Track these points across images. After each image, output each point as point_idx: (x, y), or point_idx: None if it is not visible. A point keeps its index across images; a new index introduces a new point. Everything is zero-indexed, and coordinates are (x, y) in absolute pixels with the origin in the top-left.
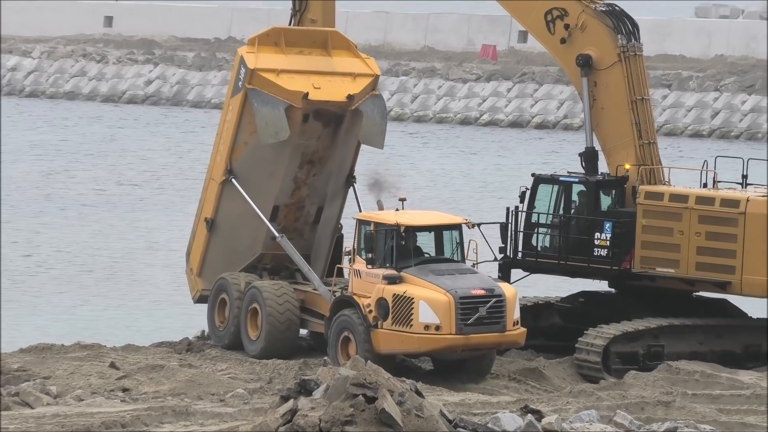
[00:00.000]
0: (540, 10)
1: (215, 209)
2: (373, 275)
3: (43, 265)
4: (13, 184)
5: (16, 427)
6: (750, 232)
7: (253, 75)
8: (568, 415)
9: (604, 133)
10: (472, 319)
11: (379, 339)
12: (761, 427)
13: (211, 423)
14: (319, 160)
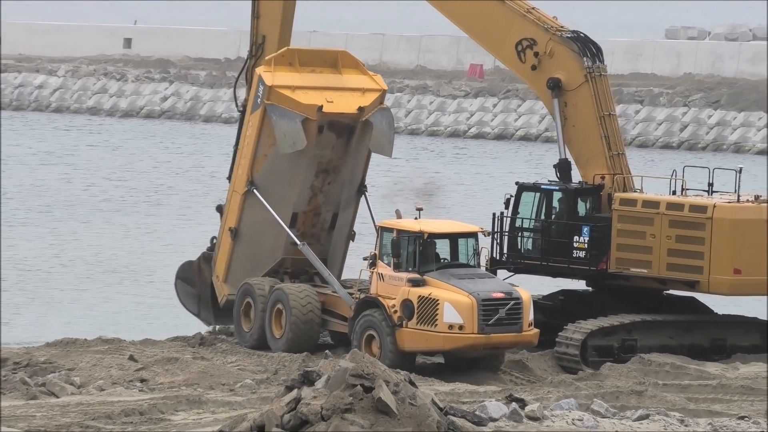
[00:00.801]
0: (511, 42)
1: (239, 219)
2: (396, 278)
3: (68, 265)
4: (43, 191)
5: (43, 414)
6: (717, 236)
7: (271, 91)
8: (549, 403)
9: (577, 148)
10: (493, 320)
11: (404, 337)
12: (726, 415)
13: (221, 411)
14: (333, 169)
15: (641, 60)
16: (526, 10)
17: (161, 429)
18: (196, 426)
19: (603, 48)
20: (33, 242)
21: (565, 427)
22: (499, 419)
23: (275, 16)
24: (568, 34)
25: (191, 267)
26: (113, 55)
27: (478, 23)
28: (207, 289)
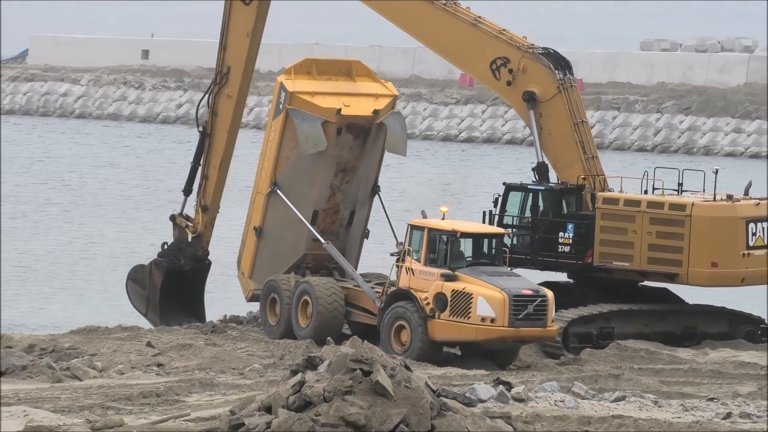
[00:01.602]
0: (485, 61)
1: (263, 218)
2: (427, 273)
3: (93, 259)
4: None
5: (68, 396)
6: (695, 232)
7: (292, 97)
8: (533, 385)
9: (554, 154)
10: (522, 314)
11: (436, 328)
12: (697, 397)
13: (232, 393)
14: (351, 169)
15: (618, 70)
16: (498, 31)
17: (176, 410)
18: (208, 407)
19: (583, 59)
20: (62, 237)
21: (548, 408)
22: (488, 401)
23: (241, 49)
24: (540, 51)
25: (143, 270)
26: (132, 66)
27: (452, 46)
28: (156, 293)
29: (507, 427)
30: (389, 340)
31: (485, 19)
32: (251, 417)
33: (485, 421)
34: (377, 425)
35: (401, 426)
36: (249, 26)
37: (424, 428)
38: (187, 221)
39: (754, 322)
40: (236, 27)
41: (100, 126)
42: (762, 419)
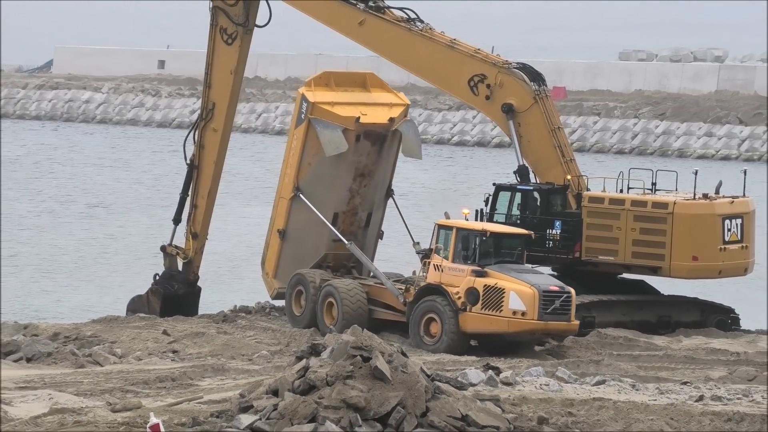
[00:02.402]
0: (463, 79)
1: (286, 221)
2: (456, 269)
3: (113, 253)
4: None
5: (90, 380)
6: (677, 228)
7: (314, 107)
8: (520, 370)
9: (534, 160)
10: (550, 309)
11: (467, 321)
12: (671, 381)
13: (241, 377)
14: (368, 173)
15: (598, 78)
16: (473, 51)
17: (190, 393)
18: (219, 390)
19: (565, 68)
20: (86, 233)
21: (534, 391)
22: (478, 384)
23: (225, 86)
24: (515, 66)
25: (140, 299)
26: (149, 75)
27: (432, 68)
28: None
29: (496, 409)
30: (419, 333)
31: (460, 41)
32: (259, 400)
33: (476, 404)
34: (376, 407)
35: (398, 408)
36: (232, 65)
37: (419, 410)
38: (176, 249)
39: (724, 312)
40: (220, 66)
41: (121, 130)
42: (732, 401)
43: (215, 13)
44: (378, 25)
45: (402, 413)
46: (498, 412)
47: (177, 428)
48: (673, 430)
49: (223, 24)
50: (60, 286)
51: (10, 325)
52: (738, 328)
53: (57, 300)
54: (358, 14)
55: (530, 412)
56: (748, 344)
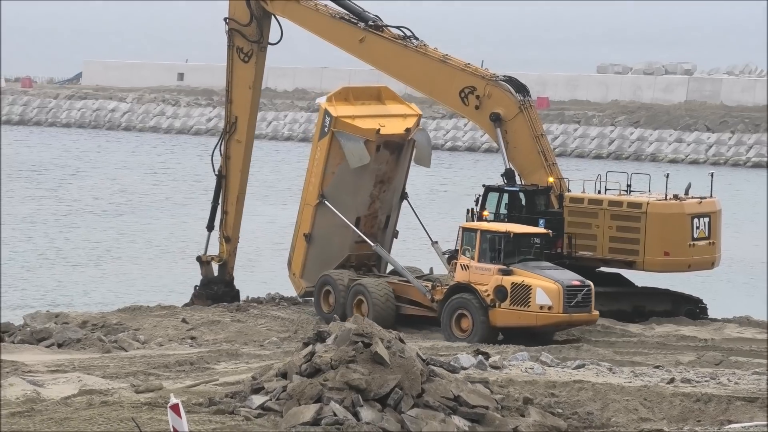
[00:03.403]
0: (454, 90)
1: (312, 225)
2: (483, 268)
3: (138, 248)
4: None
5: (115, 364)
6: (650, 226)
7: (336, 121)
8: (507, 355)
9: (520, 164)
10: (573, 302)
11: (497, 316)
12: (645, 365)
13: (253, 361)
14: (387, 180)
15: (578, 90)
16: (464, 65)
17: (207, 376)
18: (233, 373)
19: (548, 80)
20: (113, 231)
21: (519, 374)
22: (469, 368)
23: (245, 100)
24: (501, 78)
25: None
26: (169, 86)
27: (426, 81)
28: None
29: (485, 390)
30: (450, 328)
31: (451, 56)
32: (270, 382)
33: (467, 385)
34: (376, 389)
35: (396, 389)
36: (250, 80)
37: (415, 391)
38: (210, 256)
39: (693, 302)
40: (239, 82)
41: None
42: (700, 384)
43: (231, 35)
44: (377, 43)
45: (400, 394)
46: (487, 393)
47: (195, 408)
48: (647, 409)
49: (239, 44)
50: (89, 278)
51: (43, 313)
52: (706, 317)
53: (86, 291)
54: (359, 32)
55: (516, 393)
56: (714, 331)
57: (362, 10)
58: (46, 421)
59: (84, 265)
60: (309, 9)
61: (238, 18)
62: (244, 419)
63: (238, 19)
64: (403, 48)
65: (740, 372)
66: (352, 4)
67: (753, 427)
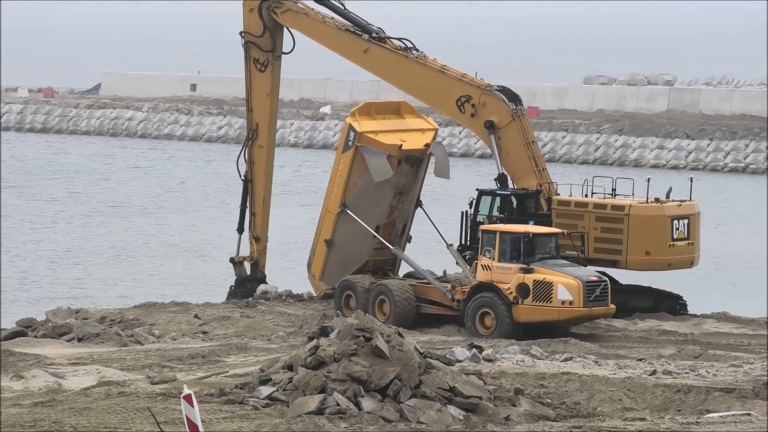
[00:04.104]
0: (452, 99)
1: (333, 232)
2: (504, 268)
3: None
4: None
5: (132, 357)
6: (632, 227)
7: (361, 136)
8: (499, 349)
9: (512, 168)
10: (592, 297)
11: (520, 312)
12: (629, 358)
13: (261, 354)
14: (406, 191)
15: (566, 99)
16: (461, 75)
17: (218, 368)
18: (243, 366)
19: (537, 90)
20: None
21: (511, 367)
22: (463, 361)
23: (264, 107)
24: (496, 88)
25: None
26: (183, 96)
27: (425, 90)
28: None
29: (479, 381)
30: (474, 325)
31: (449, 67)
32: (277, 374)
33: (461, 377)
34: (376, 380)
35: (395, 381)
36: (267, 88)
37: (413, 382)
38: (242, 257)
39: (674, 299)
40: (257, 91)
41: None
42: (680, 375)
43: (247, 47)
44: (380, 53)
45: (399, 385)
46: (480, 384)
47: (206, 398)
48: (630, 399)
49: (255, 55)
50: (107, 276)
51: (64, 309)
52: (686, 313)
53: (105, 288)
54: (363, 44)
55: (508, 384)
56: (694, 326)
57: (366, 23)
58: (67, 411)
59: (103, 263)
60: (316, 21)
61: (252, 30)
62: (253, 409)
63: (252, 32)
64: (404, 58)
65: (718, 364)
66: (357, 17)
67: (730, 416)
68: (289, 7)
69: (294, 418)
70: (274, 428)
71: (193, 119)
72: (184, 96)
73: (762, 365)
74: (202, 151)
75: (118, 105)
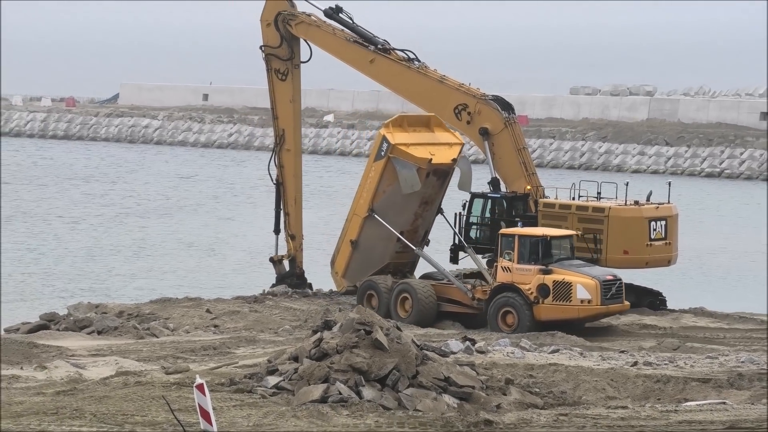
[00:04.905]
0: (450, 107)
1: (358, 234)
2: (524, 269)
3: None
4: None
5: (148, 349)
6: (612, 228)
7: (394, 148)
8: (491, 342)
9: (504, 173)
10: (609, 295)
11: (541, 311)
12: (612, 350)
13: (269, 346)
14: (431, 201)
15: (554, 108)
16: (458, 85)
17: (228, 359)
18: (251, 357)
19: (527, 100)
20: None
21: (502, 358)
22: (458, 352)
23: (288, 114)
24: (490, 97)
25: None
26: (195, 106)
27: (425, 98)
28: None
29: (472, 372)
30: (497, 323)
31: (448, 77)
32: (283, 364)
33: (456, 368)
34: (376, 370)
35: (394, 371)
36: (289, 95)
37: (410, 373)
38: (280, 256)
39: (653, 295)
40: (280, 99)
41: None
42: (660, 366)
43: (268, 60)
44: (384, 63)
45: (397, 375)
46: (473, 374)
47: (217, 387)
48: (613, 389)
49: (276, 66)
50: (126, 273)
51: (85, 304)
52: (665, 308)
53: (123, 284)
54: (370, 54)
55: (499, 374)
56: (673, 321)
57: (372, 35)
58: (87, 399)
59: (121, 261)
60: (327, 33)
61: (270, 43)
62: (261, 397)
63: (271, 44)
64: (406, 69)
65: (695, 356)
66: (364, 30)
67: (707, 404)
68: (303, 20)
69: (299, 406)
70: (281, 416)
71: (205, 127)
72: (197, 105)
73: (736, 357)
74: (215, 156)
75: (135, 114)
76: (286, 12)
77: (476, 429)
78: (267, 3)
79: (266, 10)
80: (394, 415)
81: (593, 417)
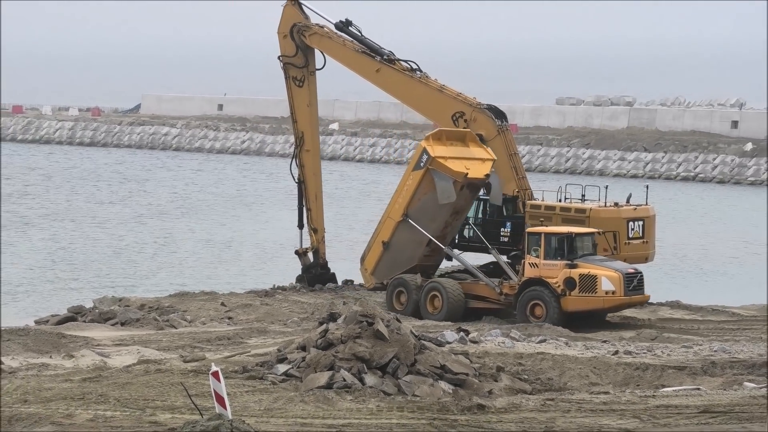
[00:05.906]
0: (448, 114)
1: (391, 236)
2: (551, 264)
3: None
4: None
5: (167, 339)
6: (593, 227)
7: (433, 160)
8: (483, 332)
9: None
10: (631, 287)
11: (568, 302)
12: (595, 340)
13: (279, 337)
14: (461, 211)
15: (541, 117)
16: (456, 94)
17: (241, 348)
18: (262, 347)
19: (516, 110)
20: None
21: (494, 348)
22: (453, 342)
23: (306, 117)
24: (485, 106)
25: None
26: (211, 115)
27: (425, 106)
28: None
29: (466, 360)
30: (526, 315)
31: (447, 87)
32: (292, 353)
33: (451, 356)
34: (378, 359)
35: (394, 360)
36: (307, 100)
37: (409, 361)
38: (305, 249)
39: None
40: (299, 104)
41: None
42: (639, 355)
43: (286, 69)
44: (390, 73)
45: (397, 363)
46: (467, 362)
47: (231, 374)
48: (596, 375)
49: (293, 74)
50: (147, 268)
51: (109, 298)
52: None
53: (144, 278)
54: (376, 64)
55: (491, 362)
56: (651, 313)
57: (379, 47)
58: (111, 385)
59: (141, 257)
60: (338, 43)
61: (287, 53)
62: (271, 383)
63: (287, 54)
64: (409, 78)
65: (672, 346)
66: (371, 42)
67: (682, 390)
68: (316, 31)
69: (306, 392)
70: (290, 400)
71: (220, 134)
72: (213, 114)
73: (709, 347)
74: (226, 162)
75: (155, 122)
76: (300, 24)
77: (470, 413)
78: (283, 16)
79: (282, 23)
80: (394, 400)
81: (578, 401)
